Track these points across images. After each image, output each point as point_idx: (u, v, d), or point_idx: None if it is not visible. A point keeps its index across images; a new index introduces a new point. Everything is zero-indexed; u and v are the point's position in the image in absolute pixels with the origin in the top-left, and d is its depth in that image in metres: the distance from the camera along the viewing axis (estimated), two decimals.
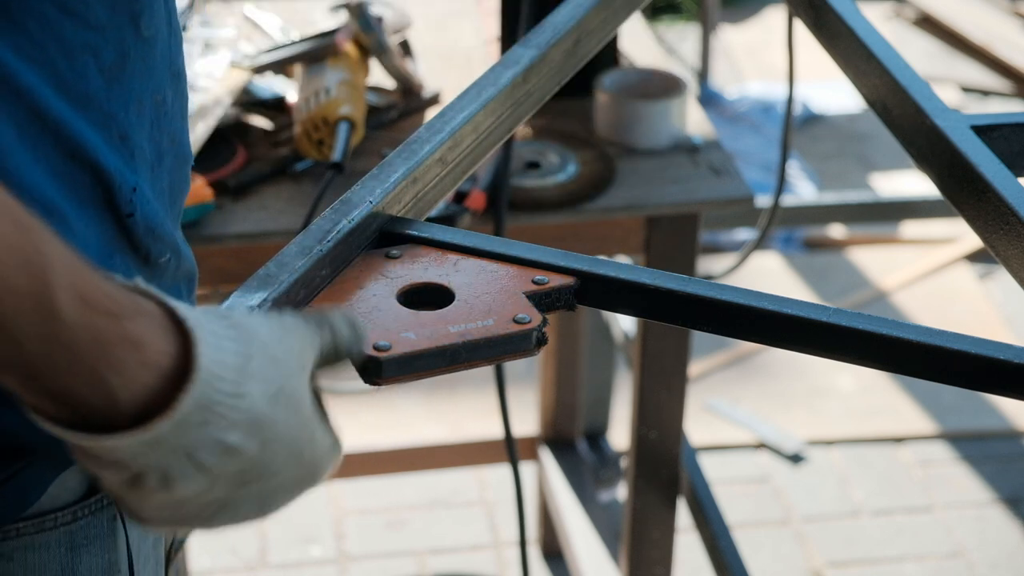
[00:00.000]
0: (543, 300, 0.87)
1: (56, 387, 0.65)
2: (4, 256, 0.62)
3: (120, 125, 0.85)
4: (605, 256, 1.60)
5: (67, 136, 0.81)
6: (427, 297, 0.86)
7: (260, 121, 1.78)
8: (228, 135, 1.73)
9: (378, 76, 1.82)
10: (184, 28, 1.83)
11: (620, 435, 2.55)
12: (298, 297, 0.83)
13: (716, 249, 3.38)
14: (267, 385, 0.69)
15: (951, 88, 4.19)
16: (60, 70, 0.81)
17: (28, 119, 0.80)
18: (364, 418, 2.75)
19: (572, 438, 2.43)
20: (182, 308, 0.69)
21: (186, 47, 1.77)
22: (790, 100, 1.89)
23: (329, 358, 0.75)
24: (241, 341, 0.69)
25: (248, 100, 1.78)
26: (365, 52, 1.76)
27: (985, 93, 4.23)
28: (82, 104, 0.83)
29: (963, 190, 0.99)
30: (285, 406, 0.70)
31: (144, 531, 0.82)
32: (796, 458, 2.77)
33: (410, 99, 1.82)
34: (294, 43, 1.76)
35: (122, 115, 0.85)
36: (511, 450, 1.87)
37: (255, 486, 0.70)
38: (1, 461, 0.83)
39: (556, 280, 0.88)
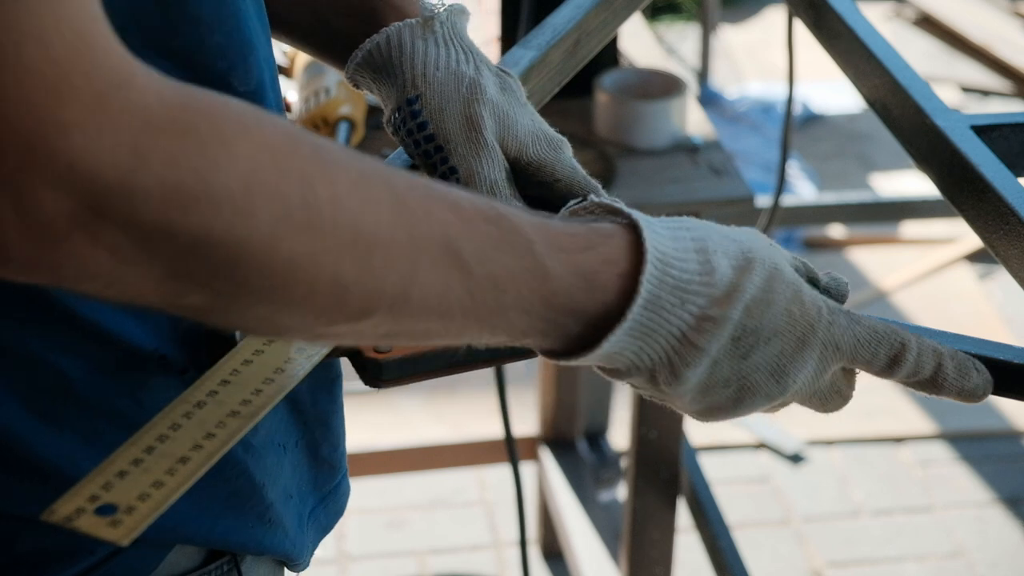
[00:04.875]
0: None
1: (565, 330, 0.71)
2: (496, 253, 0.68)
3: None
4: None
5: None
6: None
7: None
8: None
9: None
10: None
11: (620, 435, 2.55)
12: None
13: None
14: (731, 257, 0.74)
15: (951, 88, 4.19)
16: None
17: None
18: (365, 418, 2.75)
19: (572, 438, 2.43)
20: (634, 212, 0.74)
21: None
22: (790, 100, 1.89)
23: (801, 273, 0.79)
24: (696, 230, 0.75)
25: None
26: None
27: (985, 93, 4.23)
28: None
29: (963, 190, 0.99)
30: (759, 269, 0.74)
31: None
32: (796, 458, 2.77)
33: None
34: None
35: None
36: (511, 450, 1.87)
37: (756, 354, 0.75)
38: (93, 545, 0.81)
39: None
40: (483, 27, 2.05)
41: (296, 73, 1.75)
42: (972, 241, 3.34)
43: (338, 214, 0.62)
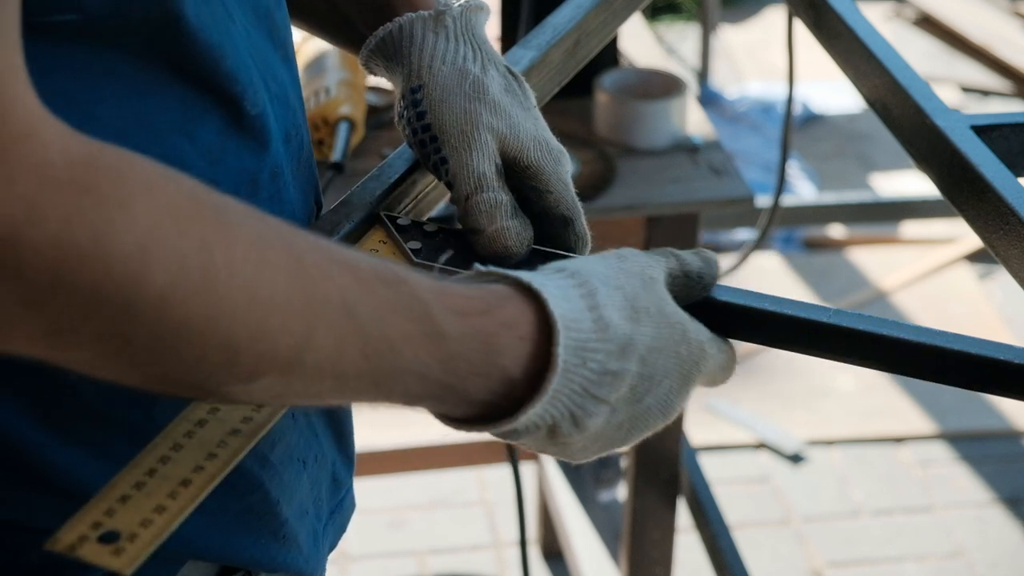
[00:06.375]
0: None
1: (464, 394, 0.71)
2: (392, 316, 0.67)
3: None
4: None
5: None
6: None
7: None
8: None
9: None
10: None
11: None
12: None
13: (716, 249, 3.38)
14: (621, 309, 0.75)
15: (951, 88, 4.19)
16: (150, 156, 0.77)
17: None
18: (365, 417, 2.74)
19: None
20: (525, 276, 0.74)
21: None
22: (790, 100, 1.89)
23: (679, 282, 0.80)
24: (580, 284, 0.75)
25: None
26: None
27: (985, 93, 4.23)
28: None
29: (963, 190, 0.99)
30: (645, 319, 0.76)
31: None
32: (796, 458, 2.77)
33: None
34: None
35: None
36: (511, 450, 1.87)
37: (650, 397, 0.77)
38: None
39: None
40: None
41: None
42: (972, 241, 3.34)
43: (234, 278, 0.62)
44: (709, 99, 4.06)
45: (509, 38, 1.85)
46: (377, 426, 2.74)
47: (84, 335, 0.60)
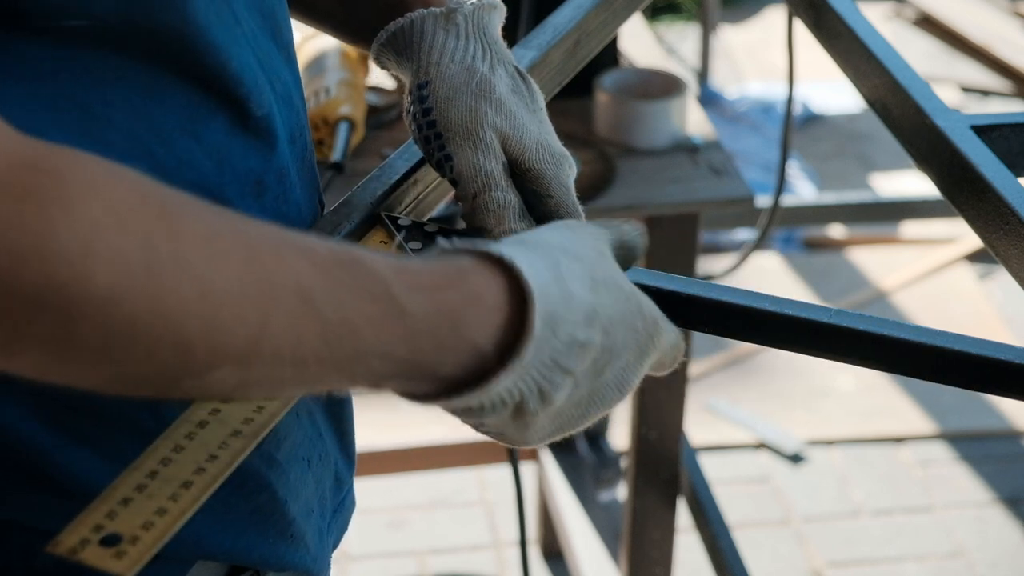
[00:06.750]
0: None
1: (431, 371, 0.70)
2: (351, 298, 0.66)
3: (235, 210, 0.78)
4: None
5: None
6: None
7: None
8: None
9: (378, 76, 1.83)
10: None
11: (620, 435, 2.55)
12: None
13: (716, 249, 3.38)
14: (582, 280, 0.74)
15: (951, 88, 4.19)
16: (158, 158, 0.77)
17: None
18: (365, 417, 2.74)
19: (572, 438, 2.43)
20: (492, 246, 0.73)
21: None
22: (790, 100, 1.89)
23: (619, 254, 0.80)
24: (544, 254, 0.74)
25: None
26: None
27: (985, 93, 4.23)
28: (190, 192, 0.78)
29: (963, 190, 0.99)
30: (604, 290, 0.75)
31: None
32: (796, 458, 2.77)
33: None
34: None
35: (237, 199, 0.81)
36: (511, 450, 1.87)
37: (609, 371, 0.76)
38: None
39: None
40: None
41: None
42: (972, 241, 3.35)
43: (183, 272, 0.61)
44: (709, 99, 4.06)
45: (509, 38, 1.84)
46: (377, 426, 2.74)
47: (29, 340, 0.60)
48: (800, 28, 1.39)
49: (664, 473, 1.96)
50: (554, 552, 2.49)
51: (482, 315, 0.70)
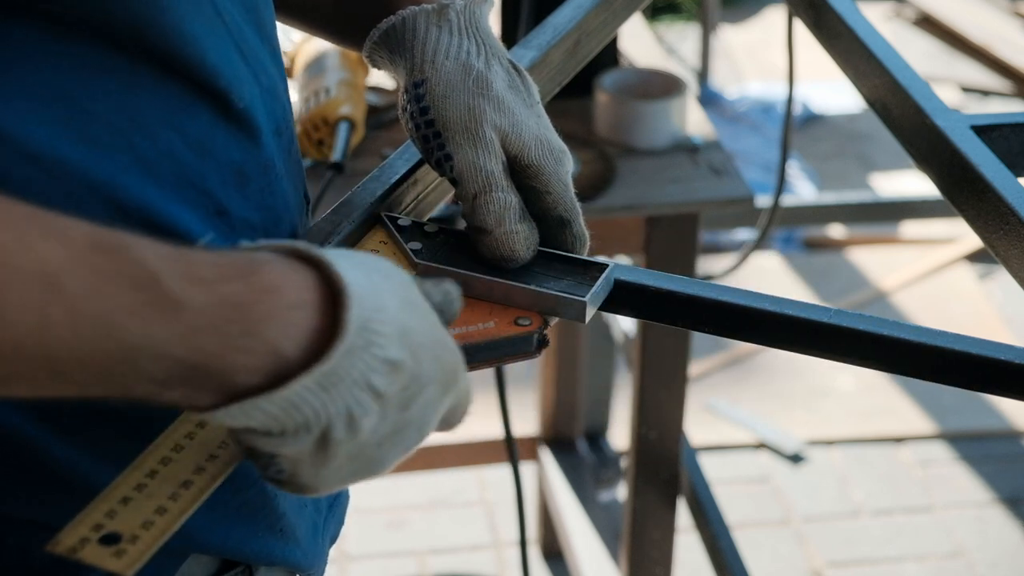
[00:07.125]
0: None
1: (222, 376, 0.64)
2: (108, 286, 0.61)
3: (216, 201, 0.79)
4: (605, 257, 1.60)
5: (156, 222, 0.76)
6: None
7: None
8: None
9: (378, 76, 1.83)
10: None
11: (620, 435, 2.55)
12: None
13: (716, 249, 3.38)
14: (393, 296, 0.69)
15: (951, 88, 4.19)
16: (140, 149, 0.75)
17: (107, 212, 0.74)
18: None
19: (572, 438, 2.43)
20: (300, 243, 0.68)
21: None
22: (790, 100, 1.89)
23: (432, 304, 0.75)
24: (356, 263, 0.69)
25: None
26: None
27: (985, 93, 4.23)
28: (172, 184, 0.77)
29: (963, 190, 0.99)
30: (414, 312, 0.70)
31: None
32: (796, 458, 2.77)
33: None
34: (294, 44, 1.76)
35: (219, 190, 0.79)
36: (511, 450, 1.87)
37: (414, 405, 0.70)
38: None
39: None
40: None
41: (296, 73, 1.75)
42: (972, 241, 3.35)
43: None
44: (709, 99, 4.06)
45: (509, 38, 1.85)
46: None
47: None
48: (800, 28, 1.39)
49: (664, 473, 1.96)
50: (554, 552, 2.49)
51: (281, 312, 0.65)
